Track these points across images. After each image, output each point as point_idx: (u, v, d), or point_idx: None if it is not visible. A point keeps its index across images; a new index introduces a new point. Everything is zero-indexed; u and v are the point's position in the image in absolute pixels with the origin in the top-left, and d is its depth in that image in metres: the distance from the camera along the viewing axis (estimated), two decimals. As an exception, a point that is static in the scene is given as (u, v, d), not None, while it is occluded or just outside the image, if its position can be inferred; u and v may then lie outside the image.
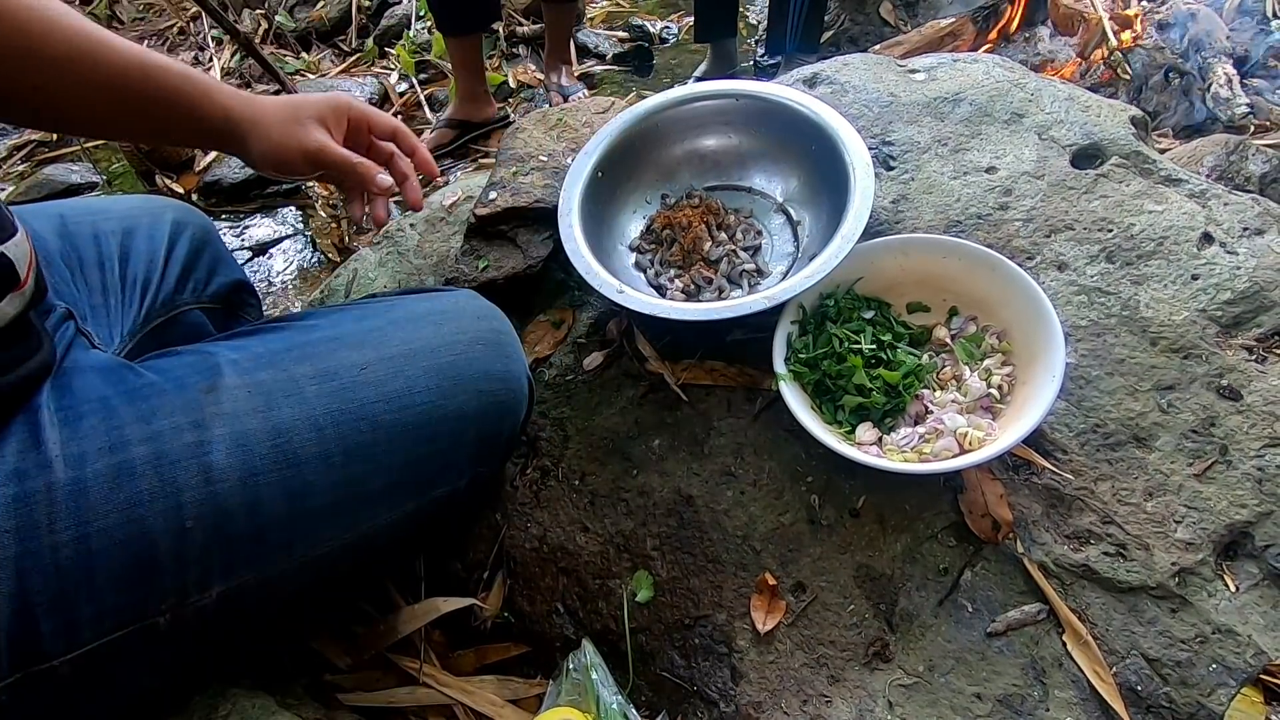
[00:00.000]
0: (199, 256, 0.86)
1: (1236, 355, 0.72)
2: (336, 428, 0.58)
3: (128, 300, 0.78)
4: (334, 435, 0.58)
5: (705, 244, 0.87)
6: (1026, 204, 0.83)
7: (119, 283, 0.78)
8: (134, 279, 0.79)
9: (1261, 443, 0.68)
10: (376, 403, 0.61)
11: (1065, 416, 0.72)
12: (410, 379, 0.62)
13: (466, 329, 0.67)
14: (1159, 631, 0.62)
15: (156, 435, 0.53)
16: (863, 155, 0.80)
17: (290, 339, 0.63)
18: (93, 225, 0.78)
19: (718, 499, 0.74)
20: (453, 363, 0.65)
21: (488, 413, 0.66)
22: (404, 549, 0.81)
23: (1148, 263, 0.78)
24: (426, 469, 0.64)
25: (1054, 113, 0.91)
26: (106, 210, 0.82)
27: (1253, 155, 1.16)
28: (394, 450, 0.61)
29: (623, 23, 2.69)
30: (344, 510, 0.60)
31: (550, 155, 0.97)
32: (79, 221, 0.76)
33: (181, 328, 0.83)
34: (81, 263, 0.75)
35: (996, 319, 0.75)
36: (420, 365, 0.63)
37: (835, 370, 0.73)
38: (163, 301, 0.81)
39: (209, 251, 0.88)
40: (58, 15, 0.55)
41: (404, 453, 0.61)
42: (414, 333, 0.65)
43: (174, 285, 0.83)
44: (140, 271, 0.80)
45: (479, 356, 0.66)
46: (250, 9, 2.91)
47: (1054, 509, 0.68)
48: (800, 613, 0.68)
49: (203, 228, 0.88)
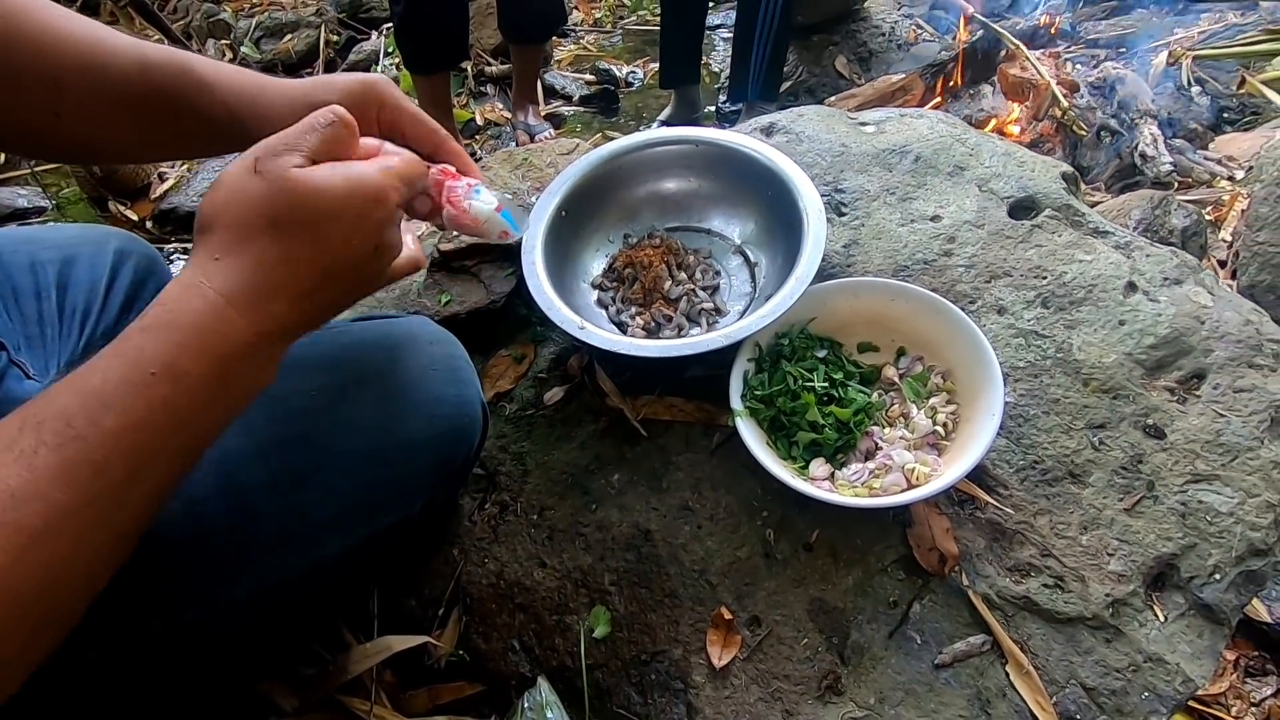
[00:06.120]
0: (143, 286, 0.84)
1: (1160, 396, 0.77)
2: (283, 454, 0.57)
3: (65, 330, 0.76)
4: (280, 461, 0.57)
5: (665, 283, 0.90)
6: (968, 251, 0.88)
7: (56, 312, 0.76)
8: (73, 308, 0.77)
9: (1184, 479, 0.72)
10: (326, 429, 0.60)
11: (1006, 453, 0.75)
12: (360, 404, 0.62)
13: (419, 354, 0.67)
14: (1095, 661, 0.65)
15: None
16: (816, 202, 0.84)
17: None
18: (29, 255, 0.76)
19: (675, 533, 0.75)
20: (404, 387, 0.64)
21: (441, 438, 0.66)
22: (356, 581, 0.80)
23: (1079, 308, 0.83)
24: (378, 495, 0.63)
25: (992, 166, 0.97)
26: (44, 239, 0.80)
27: (1175, 210, 1.25)
28: (344, 476, 0.60)
29: (590, 66, 2.77)
30: (293, 539, 0.59)
31: (515, 193, 0.99)
32: (15, 251, 0.74)
33: None
34: (16, 293, 0.73)
35: (941, 359, 0.79)
36: (371, 391, 0.62)
37: (790, 407, 0.76)
38: (104, 331, 0.79)
39: (154, 281, 0.86)
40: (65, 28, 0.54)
41: (354, 479, 0.61)
42: (365, 357, 0.64)
43: (116, 314, 0.81)
44: (80, 301, 0.78)
45: (431, 381, 0.66)
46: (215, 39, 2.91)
47: (996, 542, 0.71)
48: (755, 647, 0.69)
49: (147, 256, 0.87)
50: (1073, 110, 1.67)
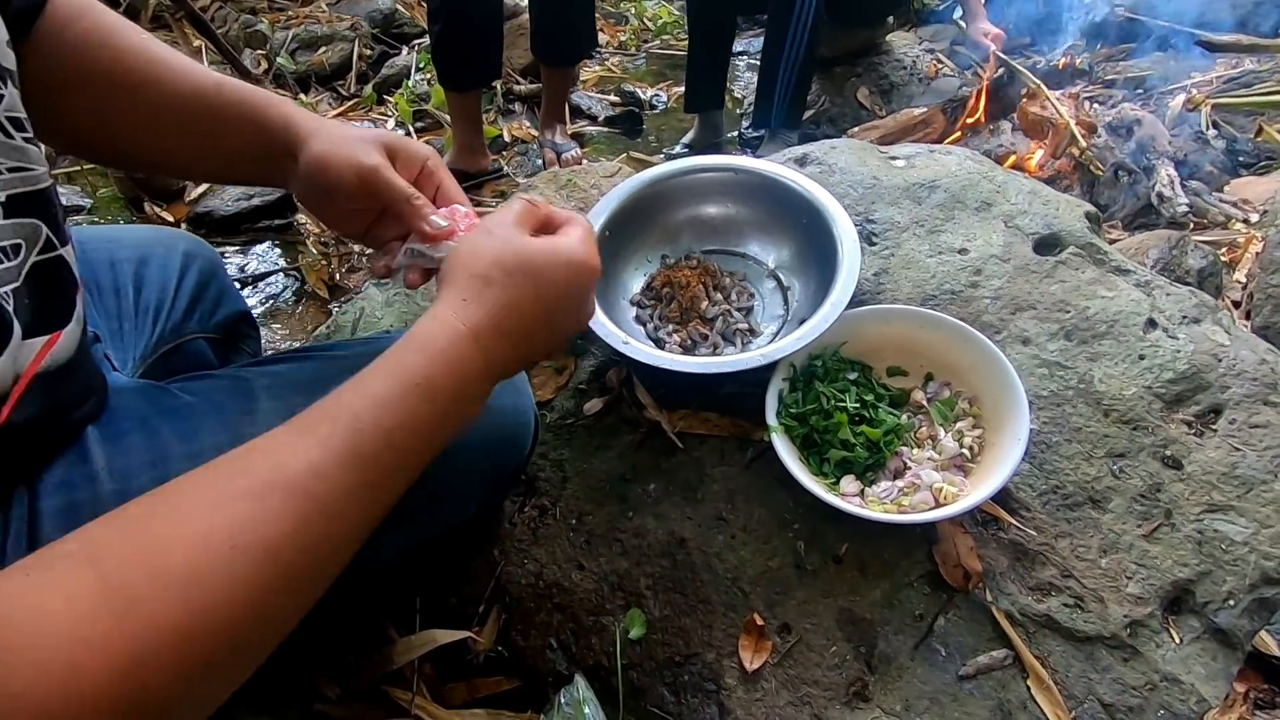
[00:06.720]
0: (206, 288, 0.89)
1: (1178, 429, 0.80)
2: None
3: (140, 326, 0.81)
4: None
5: (702, 303, 0.94)
6: (994, 283, 0.92)
7: (133, 309, 0.80)
8: (146, 306, 0.82)
9: (1200, 508, 0.75)
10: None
11: (1028, 478, 0.79)
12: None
13: None
14: (1113, 678, 0.68)
15: (198, 453, 0.55)
16: (850, 231, 0.88)
17: (319, 368, 0.67)
18: (109, 253, 0.81)
19: (709, 542, 0.79)
20: None
21: (499, 444, 0.70)
22: (407, 578, 0.83)
23: (1101, 342, 0.86)
24: (439, 496, 0.67)
25: (1018, 204, 1.01)
26: (121, 239, 0.85)
27: (1192, 250, 1.29)
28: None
29: (615, 88, 2.83)
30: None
31: (560, 212, 1.04)
32: (96, 249, 0.79)
33: (185, 356, 0.86)
34: (99, 289, 0.78)
35: (968, 385, 0.83)
36: None
37: (822, 425, 0.79)
38: (171, 329, 0.84)
39: (215, 284, 0.91)
40: (138, 41, 0.60)
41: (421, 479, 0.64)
42: None
43: (182, 314, 0.86)
44: (153, 300, 0.83)
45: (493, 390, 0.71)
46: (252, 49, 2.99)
47: (1019, 562, 0.74)
48: (786, 653, 0.72)
49: (211, 260, 0.92)
50: (1090, 150, 1.71)
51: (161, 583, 0.34)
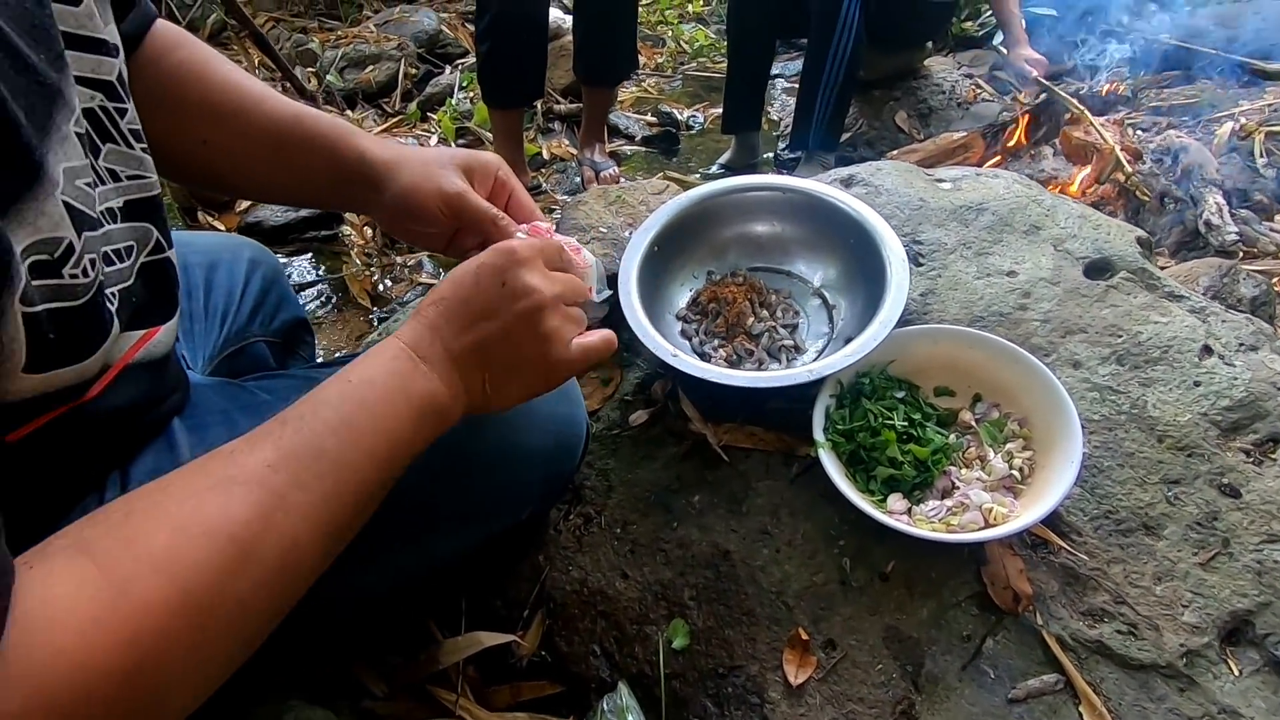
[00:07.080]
0: (268, 293, 0.93)
1: (1235, 457, 0.79)
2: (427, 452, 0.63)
3: (208, 328, 0.84)
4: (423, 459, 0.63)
5: (748, 319, 0.95)
6: (1044, 306, 0.92)
7: (203, 311, 0.84)
8: (214, 309, 0.86)
9: (1260, 538, 0.74)
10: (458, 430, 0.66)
11: (1080, 502, 0.78)
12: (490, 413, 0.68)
13: None
14: (1169, 709, 0.67)
15: None
16: (899, 250, 0.89)
17: None
18: (182, 256, 0.84)
19: (754, 555, 0.79)
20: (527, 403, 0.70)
21: (553, 451, 0.72)
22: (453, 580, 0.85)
23: (1154, 367, 0.85)
24: (495, 499, 0.69)
25: (1068, 228, 1.01)
26: (192, 243, 0.90)
27: (1244, 279, 1.27)
28: (471, 477, 0.66)
29: (652, 108, 2.87)
30: (419, 534, 0.64)
31: (609, 228, 1.06)
32: None
33: (247, 358, 0.89)
34: None
35: (1017, 407, 0.82)
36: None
37: (870, 442, 0.79)
38: (236, 331, 0.87)
39: (276, 290, 0.94)
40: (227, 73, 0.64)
41: (479, 481, 0.66)
42: None
43: (246, 318, 0.89)
44: (220, 303, 0.86)
45: (548, 399, 0.72)
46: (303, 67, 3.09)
47: (1070, 586, 0.73)
48: (830, 669, 0.72)
49: (273, 267, 0.95)
50: (1136, 176, 1.70)
51: (148, 566, 0.37)
